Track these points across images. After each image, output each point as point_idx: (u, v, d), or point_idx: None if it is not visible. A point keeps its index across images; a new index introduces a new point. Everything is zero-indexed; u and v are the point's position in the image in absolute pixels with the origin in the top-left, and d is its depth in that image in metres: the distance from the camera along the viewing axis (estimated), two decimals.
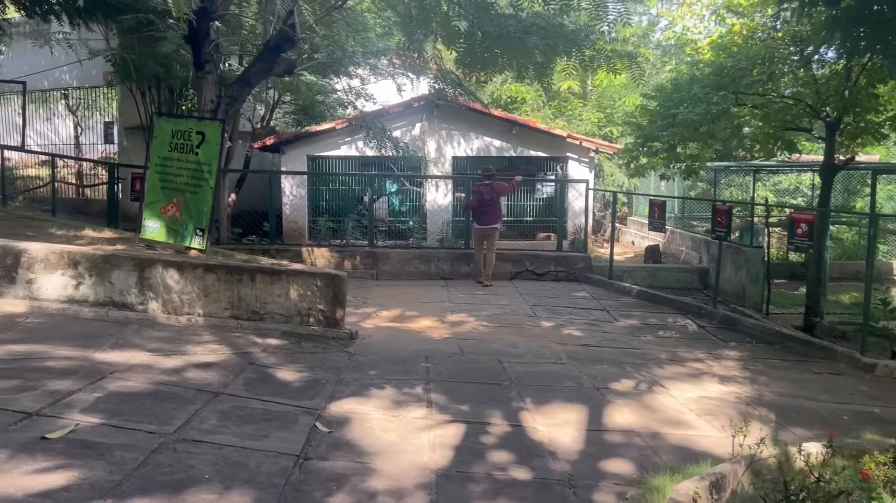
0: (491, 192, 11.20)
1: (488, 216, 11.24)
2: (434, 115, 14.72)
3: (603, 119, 18.26)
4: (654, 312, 9.93)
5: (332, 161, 14.90)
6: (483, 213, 11.22)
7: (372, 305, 9.39)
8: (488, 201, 11.19)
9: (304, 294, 6.94)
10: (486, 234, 11.32)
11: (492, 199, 11.23)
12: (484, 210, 11.21)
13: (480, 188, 11.23)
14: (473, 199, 11.40)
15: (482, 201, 11.19)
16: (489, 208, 11.22)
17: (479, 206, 11.25)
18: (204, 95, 7.16)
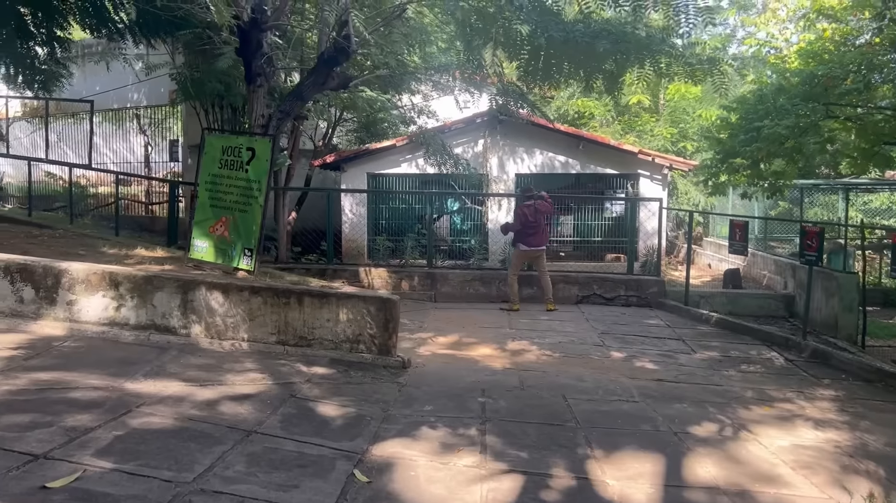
0: (535, 214, 10.66)
1: (537, 237, 10.69)
2: (496, 130, 14.29)
3: (676, 134, 17.42)
4: (736, 343, 9.12)
5: (392, 179, 14.63)
6: (530, 235, 10.65)
7: (428, 330, 8.95)
8: (533, 223, 10.64)
9: (353, 319, 6.55)
10: (535, 256, 10.78)
11: (536, 220, 10.68)
12: (531, 231, 10.64)
13: (524, 210, 10.69)
14: (516, 222, 10.82)
15: (526, 223, 10.63)
16: (536, 229, 10.67)
17: (524, 227, 10.65)
18: (255, 110, 6.92)
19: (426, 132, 11.73)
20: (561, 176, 15.02)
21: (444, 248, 14.76)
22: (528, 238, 10.65)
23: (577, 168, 14.45)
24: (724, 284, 12.45)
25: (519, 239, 10.76)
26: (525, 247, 10.68)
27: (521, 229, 10.68)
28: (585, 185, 15.35)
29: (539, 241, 10.70)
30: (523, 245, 10.70)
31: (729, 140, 9.30)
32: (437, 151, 10.84)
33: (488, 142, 14.39)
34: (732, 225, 9.76)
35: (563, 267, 13.62)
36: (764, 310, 11.35)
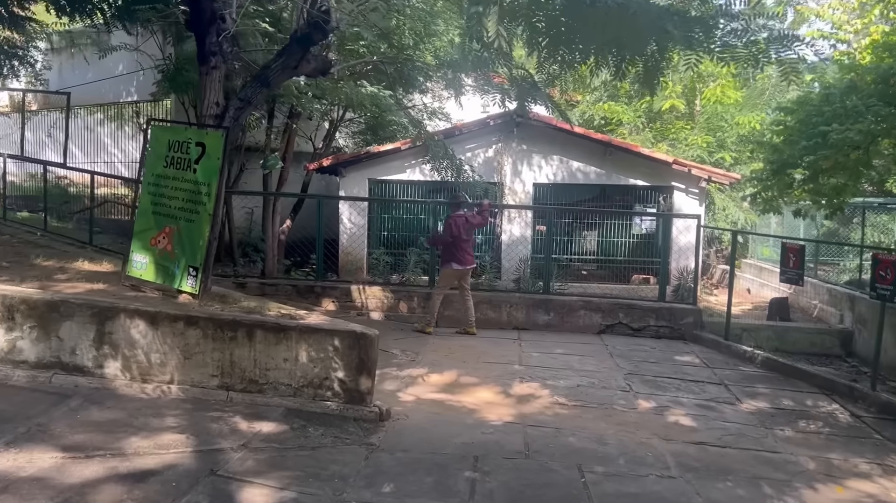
0: (467, 226, 9.40)
1: (468, 254, 9.43)
2: (513, 135, 13.05)
3: (713, 143, 16.04)
4: (788, 390, 7.76)
5: (395, 186, 13.45)
6: (461, 250, 9.34)
7: (421, 365, 7.70)
8: (465, 238, 9.37)
9: (318, 358, 5.34)
10: (464, 274, 9.51)
11: (468, 235, 9.45)
12: (463, 247, 9.35)
13: (456, 221, 9.37)
14: (446, 235, 9.47)
15: (458, 237, 9.32)
16: (467, 244, 9.42)
17: (455, 241, 9.34)
18: (207, 97, 5.76)
19: (429, 134, 10.50)
20: (584, 187, 13.73)
21: None
22: (461, 255, 9.35)
23: (604, 178, 13.16)
24: (770, 315, 11.06)
25: (450, 256, 9.43)
26: (458, 265, 9.36)
27: (452, 243, 9.36)
28: (612, 197, 14.03)
29: (471, 258, 9.52)
30: (455, 264, 9.37)
31: (786, 147, 7.95)
32: (439, 156, 9.60)
33: (503, 147, 13.16)
34: (786, 249, 8.40)
35: (585, 289, 12.32)
36: (816, 348, 9.97)
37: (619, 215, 13.41)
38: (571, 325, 10.14)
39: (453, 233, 9.33)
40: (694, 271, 10.47)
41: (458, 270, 9.42)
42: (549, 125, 12.68)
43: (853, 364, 9.49)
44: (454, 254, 9.37)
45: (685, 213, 11.87)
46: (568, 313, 10.18)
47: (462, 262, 9.38)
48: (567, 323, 10.16)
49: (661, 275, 10.49)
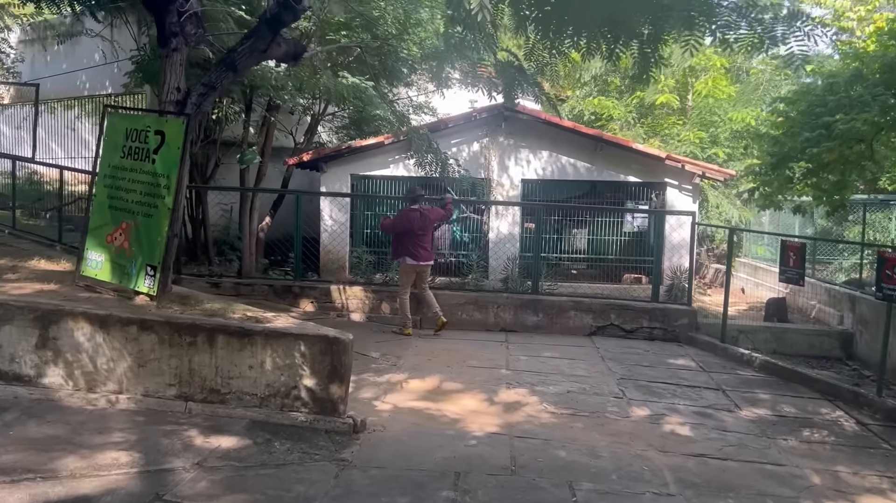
0: (423, 221, 9.01)
1: (423, 250, 9.02)
2: (500, 129, 12.67)
3: (706, 139, 15.71)
4: (789, 396, 7.42)
5: (379, 182, 13.03)
6: (415, 245, 8.97)
7: (403, 369, 7.30)
8: (420, 233, 8.99)
9: (286, 365, 4.94)
10: (421, 272, 9.15)
11: (424, 228, 9.05)
12: (417, 241, 8.97)
13: (409, 215, 9.03)
14: (398, 227, 9.15)
15: (410, 231, 8.98)
16: (423, 239, 9.01)
17: (406, 235, 9.01)
18: (168, 81, 5.33)
19: (410, 126, 10.05)
20: (574, 183, 13.37)
21: (441, 263, 13.15)
22: (416, 250, 8.97)
23: (594, 174, 12.80)
24: (767, 316, 10.75)
25: (404, 251, 9.06)
26: (412, 260, 9.00)
27: (406, 237, 9.01)
28: (602, 194, 13.70)
29: (428, 254, 9.11)
30: (409, 258, 9.01)
31: (787, 139, 7.60)
32: (422, 150, 9.17)
33: (491, 141, 12.77)
34: (786, 247, 8.06)
35: (575, 289, 11.97)
36: (816, 350, 9.66)
37: (611, 212, 13.07)
38: (561, 327, 9.78)
39: (404, 226, 9.02)
40: (688, 270, 10.12)
41: (412, 265, 9.05)
42: (538, 119, 12.31)
43: (854, 367, 9.18)
44: (408, 249, 9.02)
45: (681, 211, 11.53)
46: (557, 314, 9.82)
47: (416, 258, 9.00)
48: (556, 324, 9.80)
49: (654, 274, 10.14)
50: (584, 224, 13.61)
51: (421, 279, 9.24)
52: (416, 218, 9.02)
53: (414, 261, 9.03)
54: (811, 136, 7.01)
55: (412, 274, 9.15)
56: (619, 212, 13.18)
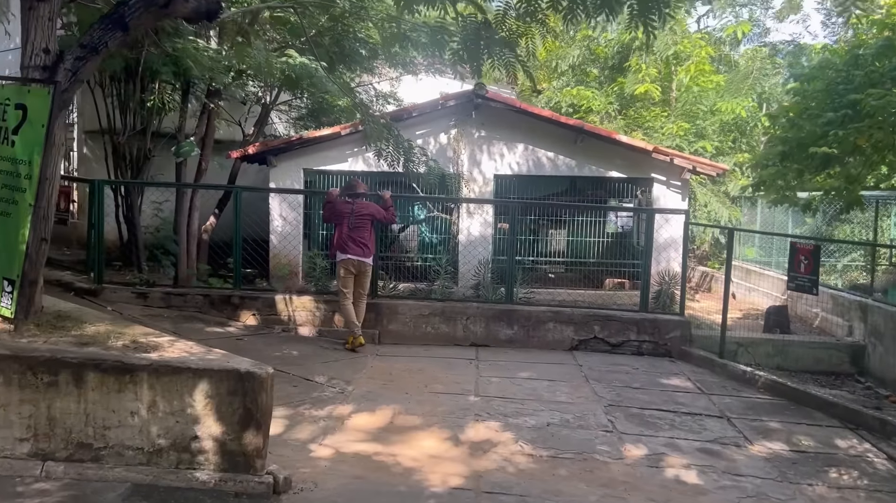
0: (355, 216, 8.12)
1: (357, 245, 8.08)
2: (472, 119, 11.62)
3: (690, 131, 14.81)
4: (804, 423, 6.47)
5: (336, 177, 11.90)
6: (348, 238, 8.08)
7: (351, 398, 6.21)
8: (358, 225, 8.11)
9: (182, 409, 3.84)
10: (359, 270, 8.17)
11: (358, 223, 8.12)
12: (347, 234, 8.09)
13: (337, 204, 8.23)
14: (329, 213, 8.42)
15: (341, 222, 8.18)
16: (354, 233, 8.09)
17: (338, 227, 8.25)
18: (31, 40, 4.19)
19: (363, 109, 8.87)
20: (552, 179, 12.37)
21: (408, 266, 12.08)
22: (345, 243, 8.10)
23: (574, 169, 11.81)
24: (766, 325, 9.83)
25: (336, 245, 8.25)
26: (341, 254, 8.13)
27: (337, 230, 8.24)
28: (583, 191, 12.74)
29: (360, 250, 8.10)
30: (339, 252, 8.16)
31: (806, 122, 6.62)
32: (377, 137, 8.02)
33: (459, 133, 11.72)
34: (795, 250, 7.11)
35: (554, 295, 10.98)
36: (823, 365, 8.76)
37: (593, 211, 12.10)
38: (539, 341, 8.78)
39: (334, 216, 8.25)
40: (681, 275, 9.16)
41: (341, 260, 8.15)
42: (512, 107, 11.30)
43: (868, 384, 8.29)
44: (338, 242, 8.21)
45: (673, 209, 10.61)
46: (535, 326, 8.82)
47: (344, 250, 8.11)
48: (533, 338, 8.80)
49: (642, 281, 9.16)
50: (562, 224, 12.64)
51: (359, 282, 8.22)
52: (345, 209, 8.15)
53: (343, 255, 8.13)
54: (835, 117, 6.04)
55: (346, 272, 8.17)
56: (602, 210, 12.21)
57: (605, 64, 18.50)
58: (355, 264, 8.09)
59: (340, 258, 8.15)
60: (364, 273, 8.20)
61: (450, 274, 11.16)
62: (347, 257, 8.09)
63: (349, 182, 8.56)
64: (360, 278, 8.21)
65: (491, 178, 11.89)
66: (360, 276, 8.21)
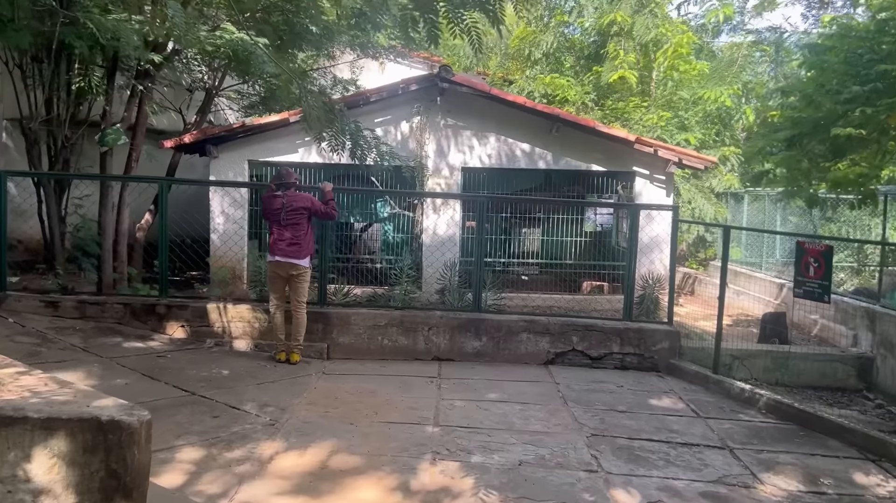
0: (286, 211, 7.12)
1: (287, 244, 7.10)
2: (437, 105, 10.67)
3: (671, 120, 13.96)
4: (819, 455, 5.61)
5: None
6: (276, 239, 7.13)
7: (283, 431, 5.20)
8: (289, 221, 7.12)
9: (13, 477, 2.80)
10: (288, 272, 7.17)
11: (293, 219, 7.14)
12: (276, 233, 7.14)
13: (271, 199, 7.24)
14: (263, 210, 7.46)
15: (271, 220, 7.24)
16: (285, 231, 7.11)
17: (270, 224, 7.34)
18: None
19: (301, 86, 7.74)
20: (526, 173, 11.47)
21: (370, 269, 11.11)
22: (273, 244, 7.16)
23: (549, 162, 10.91)
24: (763, 335, 9.01)
25: (269, 246, 7.34)
26: (269, 255, 7.23)
27: (270, 228, 7.34)
28: (559, 185, 11.87)
29: (289, 250, 7.10)
30: (269, 253, 7.26)
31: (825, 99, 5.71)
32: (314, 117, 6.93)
33: (424, 122, 10.74)
34: (803, 252, 6.25)
35: (527, 301, 10.07)
36: (828, 379, 7.97)
37: (570, 207, 11.21)
38: (510, 354, 7.86)
39: (265, 213, 7.33)
40: (669, 279, 8.28)
41: (270, 262, 7.24)
42: (481, 93, 10.34)
43: (879, 402, 7.49)
44: (270, 243, 7.28)
45: (660, 205, 9.78)
46: (506, 338, 7.89)
47: (272, 251, 7.19)
48: (504, 350, 7.88)
49: (626, 285, 8.26)
50: (537, 222, 11.75)
51: (292, 288, 7.25)
52: (276, 203, 7.15)
53: (271, 256, 7.20)
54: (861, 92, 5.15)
55: (274, 275, 7.24)
56: (580, 206, 11.32)
57: (581, 53, 17.67)
58: (283, 267, 7.11)
59: (269, 260, 7.21)
60: (296, 277, 7.20)
61: (413, 278, 10.19)
62: (275, 259, 7.12)
63: (278, 171, 7.52)
64: (292, 283, 7.22)
65: (458, 171, 10.94)
66: (293, 281, 7.21)
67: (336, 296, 8.65)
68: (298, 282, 7.29)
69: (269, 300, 7.40)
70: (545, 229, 11.52)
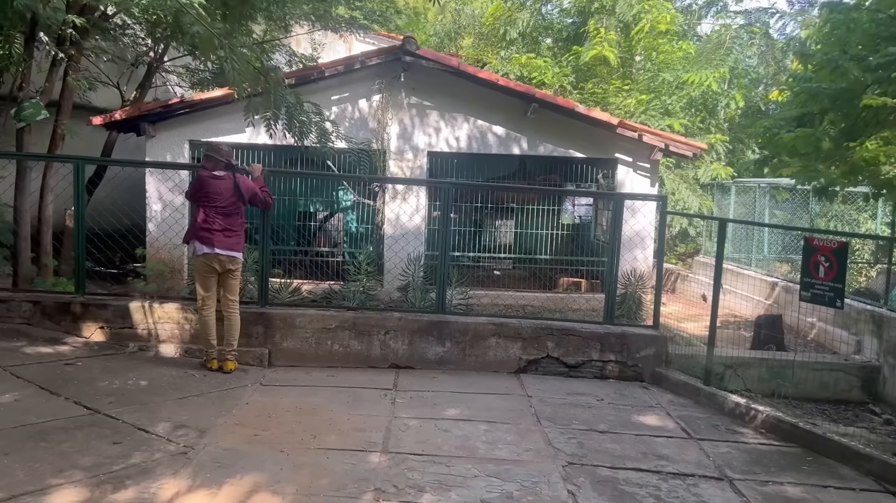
0: (221, 193, 6.22)
1: (222, 233, 6.22)
2: (400, 83, 9.80)
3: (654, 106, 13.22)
4: (832, 487, 4.87)
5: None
6: (209, 226, 6.19)
7: (195, 462, 4.33)
8: (227, 207, 6.25)
9: None
10: (225, 266, 6.29)
11: (230, 205, 6.28)
12: (209, 219, 6.20)
13: (207, 180, 6.23)
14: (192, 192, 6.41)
15: (205, 204, 6.22)
16: (219, 218, 6.22)
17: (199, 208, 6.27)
18: None
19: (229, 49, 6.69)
20: (498, 158, 10.65)
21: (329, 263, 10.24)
22: (205, 232, 6.17)
23: (524, 147, 10.10)
24: (756, 340, 8.31)
25: (191, 232, 6.30)
26: (199, 247, 6.20)
27: (198, 213, 6.24)
28: (535, 173, 11.06)
29: (226, 241, 6.22)
30: (196, 243, 6.21)
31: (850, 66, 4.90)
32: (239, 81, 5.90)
33: (386, 100, 9.86)
34: (812, 249, 5.50)
35: (498, 300, 9.29)
36: (829, 391, 7.29)
37: (546, 197, 10.42)
38: (477, 361, 7.06)
39: (197, 195, 6.28)
40: (656, 277, 7.52)
41: (203, 255, 6.25)
42: (449, 68, 9.48)
43: (887, 418, 6.80)
44: (195, 230, 6.25)
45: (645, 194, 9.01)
46: (473, 342, 7.08)
47: (203, 241, 6.23)
48: (471, 357, 7.07)
49: (607, 284, 7.48)
50: (510, 213, 10.95)
51: (226, 285, 6.38)
52: (219, 188, 6.21)
53: (204, 247, 6.20)
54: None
55: (205, 270, 6.29)
56: (557, 196, 10.54)
57: (560, 35, 16.89)
58: (220, 261, 6.23)
59: (201, 252, 6.24)
60: (233, 273, 6.36)
61: (372, 273, 9.34)
62: (212, 251, 6.21)
63: (209, 145, 6.54)
64: (227, 280, 6.35)
65: (424, 155, 10.09)
66: (228, 278, 6.35)
67: (281, 294, 7.77)
68: (234, 278, 6.43)
69: (197, 299, 6.50)
70: (519, 221, 10.74)
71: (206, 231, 6.23)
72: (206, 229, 6.23)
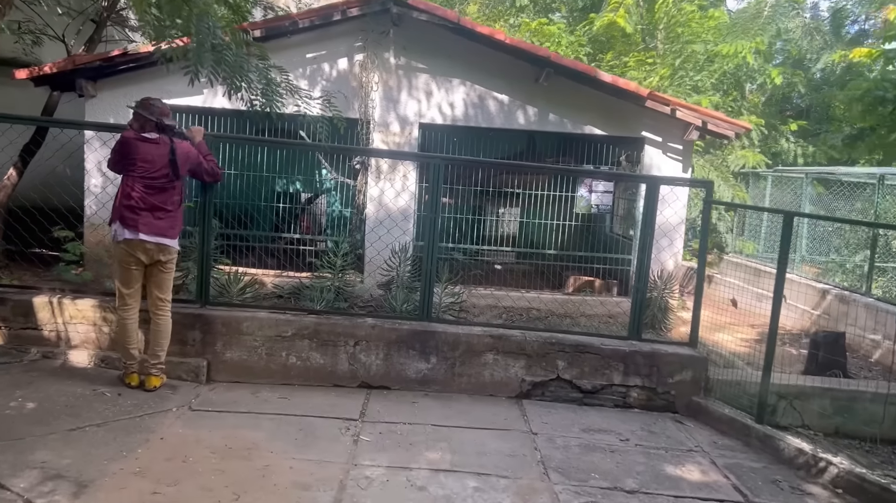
0: (164, 157, 4.98)
1: (158, 217, 5.00)
2: (389, 39, 8.45)
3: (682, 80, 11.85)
4: None
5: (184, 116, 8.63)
6: (137, 204, 4.93)
7: None
8: (161, 177, 5.00)
9: None
10: (155, 256, 5.04)
11: (173, 182, 5.07)
12: (138, 196, 4.94)
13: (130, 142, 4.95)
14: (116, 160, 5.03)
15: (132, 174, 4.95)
16: (156, 195, 4.99)
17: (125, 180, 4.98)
18: None
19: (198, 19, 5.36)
20: (503, 133, 9.30)
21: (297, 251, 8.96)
22: (131, 212, 4.92)
23: (533, 120, 8.76)
24: (811, 362, 6.99)
25: (115, 212, 4.98)
26: (122, 231, 4.93)
27: (124, 186, 4.97)
28: (544, 152, 9.72)
29: (161, 225, 5.00)
30: (119, 227, 4.94)
31: None
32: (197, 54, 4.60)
33: (371, 59, 8.51)
34: None
35: (498, 301, 8.02)
36: None
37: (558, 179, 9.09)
38: (469, 382, 5.79)
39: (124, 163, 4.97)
40: (696, 285, 6.21)
41: (125, 241, 4.97)
42: (447, 22, 8.11)
43: None
44: (120, 210, 4.94)
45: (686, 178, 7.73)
46: (464, 359, 5.79)
47: (126, 223, 4.95)
48: (462, 377, 5.79)
49: (635, 290, 6.16)
50: (515, 199, 9.64)
51: (154, 280, 5.11)
52: (150, 154, 4.93)
53: (127, 232, 4.92)
54: None
55: (127, 261, 5.00)
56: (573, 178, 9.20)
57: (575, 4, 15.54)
58: (148, 250, 4.94)
59: (123, 237, 4.93)
60: (165, 265, 5.09)
61: (351, 264, 8.03)
62: (137, 238, 4.90)
63: (140, 101, 5.20)
64: (157, 274, 5.08)
65: (415, 127, 8.75)
66: (158, 271, 5.08)
67: (230, 291, 6.47)
68: (166, 271, 5.15)
69: (116, 296, 5.19)
70: (526, 208, 9.43)
71: (129, 210, 4.93)
72: (130, 207, 4.93)
